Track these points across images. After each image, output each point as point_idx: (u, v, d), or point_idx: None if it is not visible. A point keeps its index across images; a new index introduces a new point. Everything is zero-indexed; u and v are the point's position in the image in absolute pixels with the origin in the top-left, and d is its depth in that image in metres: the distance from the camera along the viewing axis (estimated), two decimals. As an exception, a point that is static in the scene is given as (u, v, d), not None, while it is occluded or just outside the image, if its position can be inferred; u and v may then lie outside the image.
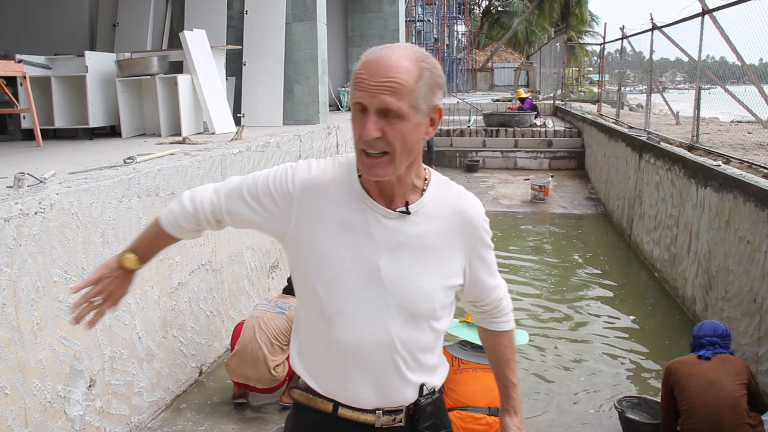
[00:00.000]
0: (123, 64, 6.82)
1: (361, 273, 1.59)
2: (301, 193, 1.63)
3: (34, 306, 3.13)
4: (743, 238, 4.88)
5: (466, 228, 1.68)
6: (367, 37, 13.86)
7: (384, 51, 1.50)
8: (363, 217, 1.60)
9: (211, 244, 4.91)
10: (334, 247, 1.60)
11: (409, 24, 22.80)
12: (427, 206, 1.63)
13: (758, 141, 7.83)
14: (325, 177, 1.64)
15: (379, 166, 1.50)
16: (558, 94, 21.09)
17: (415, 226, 1.61)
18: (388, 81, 1.45)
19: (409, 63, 1.48)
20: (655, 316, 6.15)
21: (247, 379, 4.24)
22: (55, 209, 3.26)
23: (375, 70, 1.47)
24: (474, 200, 1.74)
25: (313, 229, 1.62)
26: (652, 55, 10.56)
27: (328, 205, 1.62)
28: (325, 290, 1.61)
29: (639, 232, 8.35)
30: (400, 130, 1.47)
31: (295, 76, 8.46)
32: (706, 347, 3.54)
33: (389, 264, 1.59)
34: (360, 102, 1.48)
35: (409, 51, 1.51)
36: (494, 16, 48.66)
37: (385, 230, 1.59)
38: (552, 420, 4.28)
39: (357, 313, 1.61)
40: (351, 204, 1.61)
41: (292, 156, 6.59)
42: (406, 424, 1.70)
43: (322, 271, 1.61)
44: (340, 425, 1.68)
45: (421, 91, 1.48)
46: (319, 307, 1.63)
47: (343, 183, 1.63)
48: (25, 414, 3.06)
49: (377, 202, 1.60)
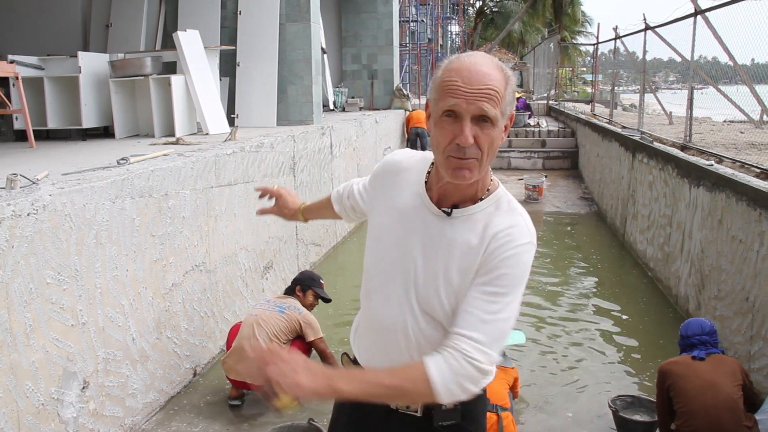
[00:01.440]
0: (116, 65, 6.81)
1: (398, 259, 1.69)
2: (386, 173, 1.81)
3: (26, 308, 3.11)
4: (736, 237, 4.89)
5: (489, 241, 1.59)
6: (361, 37, 13.87)
7: (472, 59, 1.53)
8: (415, 210, 1.70)
9: (205, 245, 4.91)
10: (387, 229, 1.74)
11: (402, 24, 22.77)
12: (473, 216, 1.64)
13: (750, 141, 7.86)
14: (406, 165, 1.78)
15: (467, 168, 1.54)
16: (551, 94, 21.13)
17: (452, 229, 1.64)
18: (485, 88, 1.49)
19: (497, 71, 1.53)
20: (649, 314, 6.17)
21: (244, 376, 4.24)
22: (48, 210, 3.25)
23: (470, 77, 1.49)
24: (517, 220, 1.62)
25: (379, 210, 1.79)
26: (645, 55, 10.60)
27: (394, 193, 1.75)
28: (370, 265, 1.78)
29: (632, 232, 8.38)
30: (490, 135, 1.53)
31: (288, 76, 8.46)
32: (697, 347, 3.54)
33: (423, 258, 1.66)
34: (452, 109, 1.50)
35: (494, 60, 1.57)
36: (488, 17, 48.70)
37: (426, 226, 1.67)
38: (545, 420, 4.28)
39: (387, 295, 1.71)
40: (412, 195, 1.72)
41: (286, 156, 6.58)
42: (423, 415, 1.74)
43: (371, 248, 1.79)
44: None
45: (508, 98, 1.54)
46: (365, 280, 1.80)
47: (416, 175, 1.74)
48: (17, 417, 3.05)
49: (431, 199, 1.68)
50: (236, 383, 4.35)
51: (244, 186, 5.56)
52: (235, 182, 5.38)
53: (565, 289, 7.00)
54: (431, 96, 1.59)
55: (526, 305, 6.35)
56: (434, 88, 1.57)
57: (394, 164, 1.81)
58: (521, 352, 5.18)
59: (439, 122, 1.54)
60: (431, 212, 1.67)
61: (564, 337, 5.65)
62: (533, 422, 4.25)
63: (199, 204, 4.81)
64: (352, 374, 1.57)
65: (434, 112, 1.56)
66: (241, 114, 8.33)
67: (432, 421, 1.73)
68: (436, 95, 1.55)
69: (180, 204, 4.54)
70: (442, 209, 1.65)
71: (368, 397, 1.51)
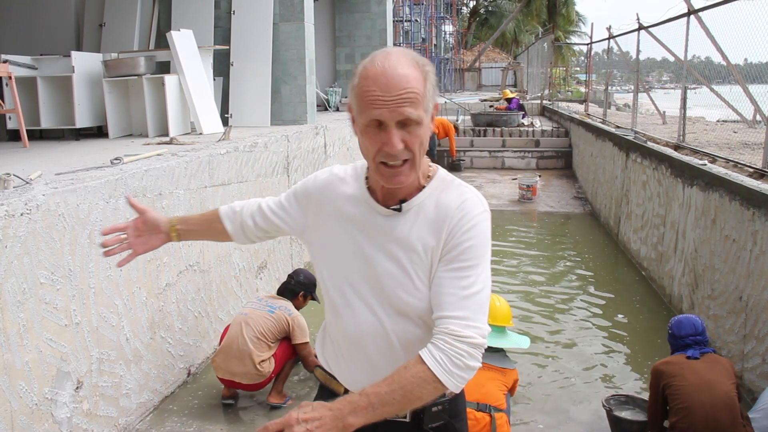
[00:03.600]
0: (110, 65, 6.79)
1: (359, 267, 1.67)
2: (318, 193, 1.77)
3: (20, 308, 3.10)
4: (729, 236, 4.91)
5: (445, 218, 1.61)
6: (355, 37, 13.85)
7: (387, 62, 1.49)
8: (363, 216, 1.68)
9: (199, 245, 4.90)
10: (339, 242, 1.71)
11: (396, 24, 22.79)
12: (422, 204, 1.65)
13: (744, 140, 7.89)
14: (338, 180, 1.76)
15: (402, 174, 1.55)
16: (545, 93, 21.17)
17: (406, 223, 1.64)
18: (404, 92, 1.47)
19: (414, 69, 1.50)
20: (643, 314, 6.18)
21: (232, 375, 4.25)
22: (42, 210, 3.24)
23: (388, 84, 1.47)
24: (466, 194, 1.65)
25: (323, 226, 1.75)
26: (639, 54, 10.62)
27: (336, 204, 1.73)
28: (331, 282, 1.74)
29: (626, 231, 8.40)
30: (418, 136, 1.52)
31: (282, 76, 8.45)
32: (691, 347, 3.55)
33: (384, 260, 1.64)
34: (376, 119, 1.49)
35: (408, 56, 1.52)
36: (482, 17, 48.79)
37: (380, 227, 1.66)
38: (539, 419, 4.29)
39: (356, 305, 1.69)
40: (356, 203, 1.70)
41: (279, 156, 6.58)
42: (412, 421, 1.73)
43: (329, 264, 1.74)
44: None
45: (429, 93, 1.53)
46: (328, 297, 1.76)
47: (353, 184, 1.74)
48: (11, 417, 3.04)
49: (377, 201, 1.67)
50: (226, 382, 4.35)
51: (238, 186, 5.56)
52: (229, 182, 5.38)
53: (559, 289, 7.01)
54: (352, 102, 1.56)
55: (518, 304, 6.36)
56: (353, 96, 1.54)
57: (324, 181, 1.78)
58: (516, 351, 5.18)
59: (365, 131, 1.53)
60: (381, 213, 1.66)
61: (556, 336, 5.66)
62: (528, 422, 4.26)
63: (193, 204, 4.80)
64: (354, 404, 1.45)
65: (358, 121, 1.55)
66: (235, 114, 8.32)
67: (421, 424, 1.72)
68: (357, 105, 1.53)
69: (174, 204, 4.53)
70: (392, 207, 1.64)
71: (380, 417, 1.46)
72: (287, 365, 4.44)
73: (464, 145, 15.44)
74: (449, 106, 18.30)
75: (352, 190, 1.73)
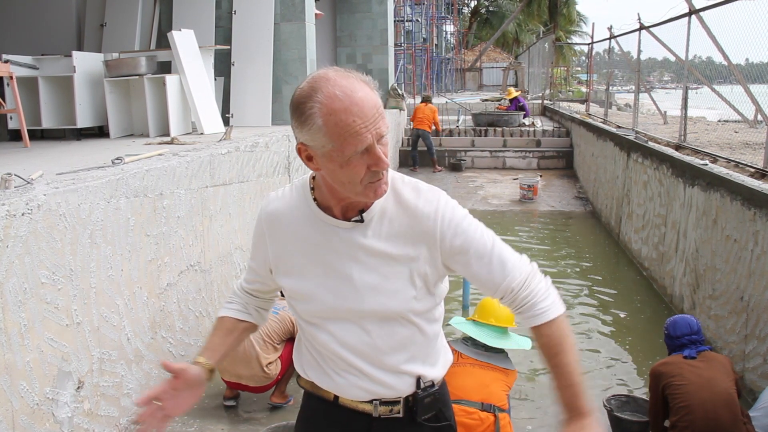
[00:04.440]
0: (111, 65, 6.79)
1: (334, 286, 1.65)
2: (268, 227, 1.74)
3: (21, 308, 3.11)
4: (730, 236, 4.91)
5: (425, 223, 1.62)
6: (356, 37, 13.87)
7: (346, 89, 1.45)
8: (323, 234, 1.65)
9: (200, 245, 4.90)
10: (305, 266, 1.68)
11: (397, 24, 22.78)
12: (383, 209, 1.64)
13: (745, 140, 7.88)
14: (283, 204, 1.72)
15: (384, 184, 1.55)
16: (546, 93, 21.16)
17: (372, 231, 1.63)
18: (376, 111, 1.48)
19: (367, 86, 1.50)
20: (644, 313, 6.18)
21: (239, 378, 4.23)
22: (43, 210, 3.24)
23: (362, 111, 1.44)
24: (429, 193, 1.65)
25: (284, 254, 1.72)
26: (640, 54, 10.62)
27: (291, 229, 1.69)
28: (305, 306, 1.71)
29: (627, 231, 8.40)
30: (387, 146, 1.54)
31: (283, 76, 8.45)
32: (688, 347, 3.56)
33: (358, 272, 1.63)
34: (366, 145, 1.47)
35: (353, 78, 1.49)
36: (483, 16, 48.77)
37: (346, 241, 1.63)
38: (539, 418, 4.29)
39: (337, 322, 1.68)
40: (311, 224, 1.67)
41: (281, 156, 6.58)
42: (405, 416, 1.74)
43: (299, 289, 1.70)
44: (342, 412, 1.75)
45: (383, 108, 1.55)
46: (304, 317, 1.73)
47: (300, 205, 1.69)
48: (12, 417, 3.04)
49: (333, 216, 1.64)
50: (231, 384, 4.34)
51: (239, 186, 5.56)
52: (230, 182, 5.38)
53: (560, 289, 6.97)
54: (318, 141, 1.47)
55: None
56: (322, 135, 1.46)
57: (271, 213, 1.73)
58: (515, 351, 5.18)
59: (347, 163, 1.47)
60: (342, 228, 1.63)
61: (559, 336, 5.65)
62: (528, 421, 4.26)
63: (194, 204, 4.80)
64: (573, 389, 1.68)
65: (336, 157, 1.48)
66: (236, 114, 8.32)
67: (415, 417, 1.73)
68: (334, 141, 1.45)
69: (175, 204, 4.53)
70: (353, 219, 1.62)
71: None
72: (292, 366, 4.42)
73: (465, 144, 15.43)
74: (450, 106, 18.30)
75: (300, 211, 1.68)
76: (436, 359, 1.78)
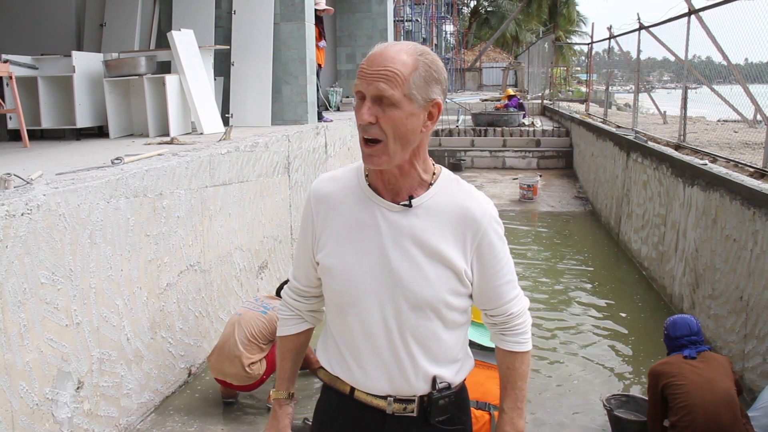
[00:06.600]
0: (110, 65, 6.79)
1: (370, 265, 1.68)
2: (316, 206, 1.78)
3: (21, 308, 3.11)
4: (730, 236, 4.91)
5: (469, 226, 1.69)
6: (356, 36, 13.85)
7: (387, 45, 1.60)
8: (371, 213, 1.69)
9: (200, 245, 4.90)
10: (346, 243, 1.71)
11: (397, 24, 22.79)
12: (431, 201, 1.69)
13: (744, 140, 7.88)
14: (335, 184, 1.77)
15: (374, 155, 1.60)
16: (546, 93, 21.16)
17: (418, 219, 1.67)
18: (383, 69, 1.54)
19: (407, 55, 1.57)
20: (644, 313, 6.18)
21: (224, 375, 4.26)
22: (42, 210, 3.24)
23: (374, 60, 1.56)
24: (483, 199, 1.74)
25: (327, 230, 1.75)
26: (640, 54, 10.62)
27: (339, 207, 1.74)
28: (338, 284, 1.72)
29: (627, 231, 8.40)
30: (392, 117, 1.55)
31: (283, 76, 8.44)
32: (687, 347, 3.55)
33: (397, 255, 1.67)
34: (360, 90, 1.58)
35: (410, 46, 1.60)
36: (482, 16, 48.79)
37: (391, 223, 1.68)
38: (540, 419, 4.29)
39: (367, 304, 1.70)
40: (360, 202, 1.71)
41: (280, 156, 6.58)
42: (419, 415, 1.75)
43: (336, 265, 1.72)
44: (356, 407, 1.77)
45: (414, 81, 1.56)
46: (335, 299, 1.75)
47: (351, 184, 1.75)
48: (12, 417, 3.04)
49: (383, 197, 1.69)
50: (219, 381, 4.36)
51: (238, 186, 5.56)
52: (229, 182, 5.38)
53: (559, 288, 7.02)
54: None
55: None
56: None
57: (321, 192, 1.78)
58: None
59: (355, 105, 1.63)
60: (389, 209, 1.68)
61: (558, 336, 5.66)
62: (527, 420, 4.25)
63: (194, 204, 4.80)
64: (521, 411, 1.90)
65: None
66: (236, 114, 8.32)
67: (429, 418, 1.74)
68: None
69: (174, 204, 4.53)
70: (401, 203, 1.68)
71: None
72: None
73: (465, 144, 15.44)
74: (450, 106, 18.30)
75: (351, 189, 1.74)
76: (454, 363, 1.79)
